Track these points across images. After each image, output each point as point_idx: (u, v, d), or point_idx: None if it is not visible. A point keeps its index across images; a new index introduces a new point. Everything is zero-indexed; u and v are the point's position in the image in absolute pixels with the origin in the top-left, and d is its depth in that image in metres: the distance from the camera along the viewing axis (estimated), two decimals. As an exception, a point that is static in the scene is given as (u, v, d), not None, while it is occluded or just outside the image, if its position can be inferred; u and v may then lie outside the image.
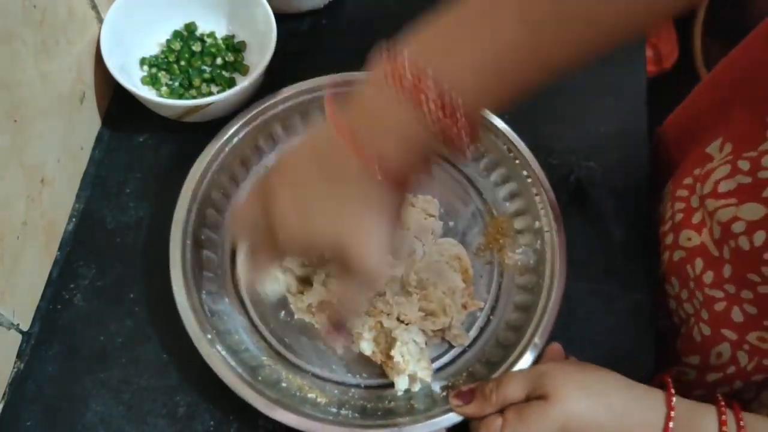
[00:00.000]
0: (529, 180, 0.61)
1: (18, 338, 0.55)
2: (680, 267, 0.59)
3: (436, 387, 0.55)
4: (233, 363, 0.52)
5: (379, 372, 0.56)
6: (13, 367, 0.55)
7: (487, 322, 0.59)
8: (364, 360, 0.56)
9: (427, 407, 0.53)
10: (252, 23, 0.66)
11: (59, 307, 0.57)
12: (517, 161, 0.62)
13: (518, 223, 0.62)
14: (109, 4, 0.63)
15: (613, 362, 0.58)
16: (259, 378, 0.52)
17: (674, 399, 0.46)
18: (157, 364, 0.56)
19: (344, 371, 0.56)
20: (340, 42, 0.72)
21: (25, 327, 0.56)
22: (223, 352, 0.52)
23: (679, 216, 0.60)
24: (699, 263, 0.57)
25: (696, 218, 0.58)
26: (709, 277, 0.55)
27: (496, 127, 0.63)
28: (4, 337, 0.53)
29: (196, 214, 0.58)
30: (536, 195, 0.61)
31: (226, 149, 0.60)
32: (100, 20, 0.62)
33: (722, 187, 0.54)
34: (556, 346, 0.54)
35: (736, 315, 0.54)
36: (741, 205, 0.51)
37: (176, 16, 0.67)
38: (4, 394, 0.54)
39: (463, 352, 0.57)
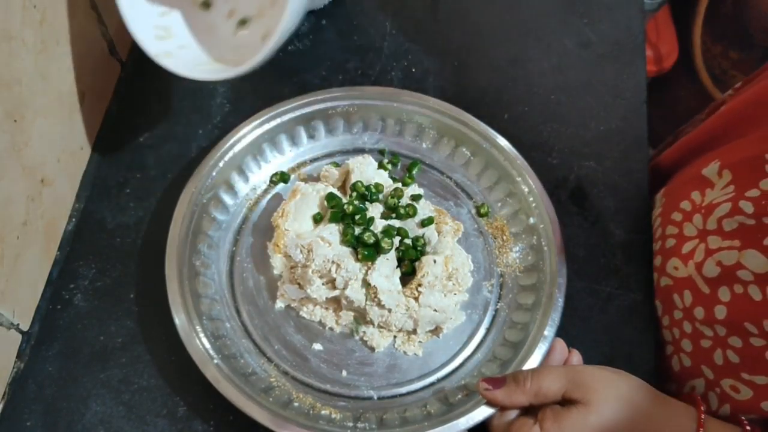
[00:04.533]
0: (519, 179, 0.62)
1: (18, 338, 0.55)
2: (666, 293, 0.59)
3: (450, 390, 0.55)
4: (242, 385, 0.51)
5: (393, 383, 0.55)
6: (13, 367, 0.55)
7: (493, 321, 0.58)
8: (374, 372, 0.56)
9: (442, 412, 0.52)
10: None
11: (59, 307, 0.57)
12: (505, 161, 0.62)
13: (513, 223, 0.62)
14: (110, 3, 0.63)
15: (613, 362, 0.58)
16: (270, 399, 0.52)
17: (703, 416, 0.46)
18: (157, 364, 0.56)
19: (355, 385, 0.55)
20: (341, 42, 0.72)
21: (25, 327, 0.56)
22: (232, 376, 0.51)
23: (671, 242, 0.60)
24: (688, 296, 0.56)
25: (686, 248, 0.57)
26: (700, 312, 0.55)
27: (479, 129, 0.63)
28: (4, 337, 0.53)
29: (190, 242, 0.57)
30: (528, 193, 0.61)
31: (214, 173, 0.60)
32: (101, 20, 0.62)
33: (726, 226, 0.54)
34: (557, 341, 0.54)
35: (718, 357, 0.53)
36: (743, 250, 0.51)
37: None
38: (4, 394, 0.54)
39: (473, 353, 0.57)
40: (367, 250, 0.55)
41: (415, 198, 0.60)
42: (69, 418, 0.53)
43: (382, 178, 0.61)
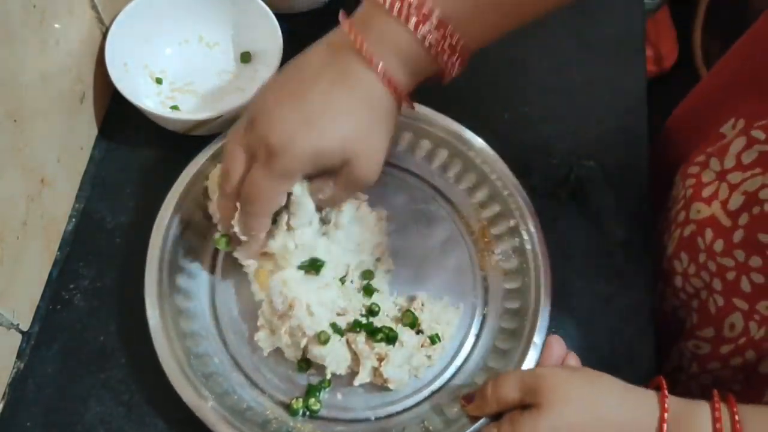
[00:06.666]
0: (500, 183, 0.60)
1: (18, 338, 0.55)
2: (691, 241, 0.59)
3: (446, 404, 0.54)
4: (238, 424, 0.50)
5: (388, 401, 0.55)
6: (13, 367, 0.55)
7: (481, 328, 0.58)
8: (368, 391, 0.55)
9: (441, 428, 0.52)
10: (258, 33, 0.66)
11: (59, 307, 0.57)
12: (485, 165, 0.61)
13: (494, 226, 0.61)
14: (110, 3, 0.63)
15: (613, 362, 0.58)
16: (247, 417, 0.51)
17: (667, 400, 0.46)
18: (157, 364, 0.55)
19: (351, 407, 0.54)
20: (340, 42, 0.72)
21: (24, 327, 0.56)
22: (228, 416, 0.50)
23: (690, 191, 0.61)
24: (708, 233, 0.57)
25: (706, 192, 0.58)
26: (719, 245, 0.56)
27: (461, 135, 0.62)
28: (4, 337, 0.53)
29: (168, 277, 0.55)
30: (509, 196, 0.60)
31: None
32: (100, 20, 0.62)
33: (745, 159, 0.55)
34: (555, 339, 0.54)
35: (745, 285, 0.54)
36: (767, 173, 0.52)
37: (181, 27, 0.67)
38: (3, 394, 0.54)
39: (464, 363, 0.56)
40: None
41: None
42: (69, 418, 0.53)
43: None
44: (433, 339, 0.55)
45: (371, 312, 0.55)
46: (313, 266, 0.55)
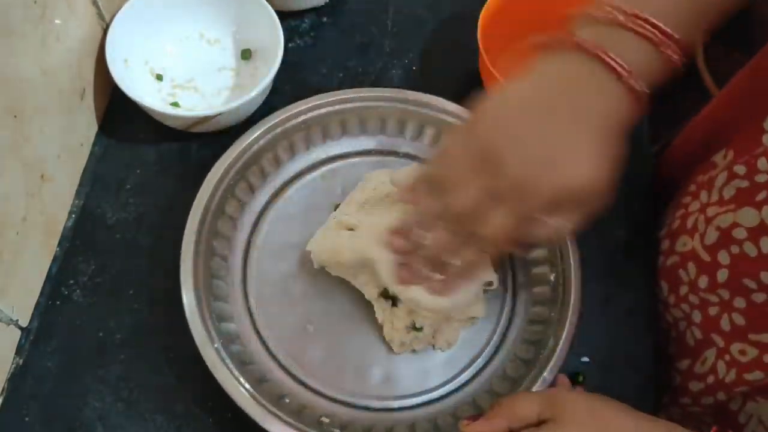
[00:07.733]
0: None
1: (17, 334, 0.55)
2: (672, 271, 0.59)
3: (440, 416, 0.54)
4: (237, 373, 0.51)
5: (390, 396, 0.55)
6: (12, 363, 0.55)
7: (498, 348, 0.57)
8: (371, 378, 0.55)
9: None
10: (259, 31, 0.66)
11: (58, 303, 0.57)
12: None
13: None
14: None
15: (613, 363, 0.58)
16: (263, 389, 0.52)
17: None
18: (156, 360, 0.56)
19: (354, 392, 0.54)
20: (342, 40, 0.72)
21: (24, 323, 0.56)
22: (228, 361, 0.51)
23: (677, 222, 0.60)
24: (692, 268, 0.57)
25: (690, 223, 0.58)
26: (703, 281, 0.55)
27: None
28: (3, 332, 0.53)
29: (210, 222, 0.56)
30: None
31: (245, 156, 0.59)
32: (101, 16, 0.62)
33: (725, 194, 0.54)
34: (562, 378, 0.54)
35: (725, 323, 0.54)
36: (738, 210, 0.52)
37: (182, 24, 0.67)
38: (3, 390, 0.54)
39: (471, 380, 0.56)
40: None
41: None
42: (67, 413, 0.54)
43: None
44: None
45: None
46: None
